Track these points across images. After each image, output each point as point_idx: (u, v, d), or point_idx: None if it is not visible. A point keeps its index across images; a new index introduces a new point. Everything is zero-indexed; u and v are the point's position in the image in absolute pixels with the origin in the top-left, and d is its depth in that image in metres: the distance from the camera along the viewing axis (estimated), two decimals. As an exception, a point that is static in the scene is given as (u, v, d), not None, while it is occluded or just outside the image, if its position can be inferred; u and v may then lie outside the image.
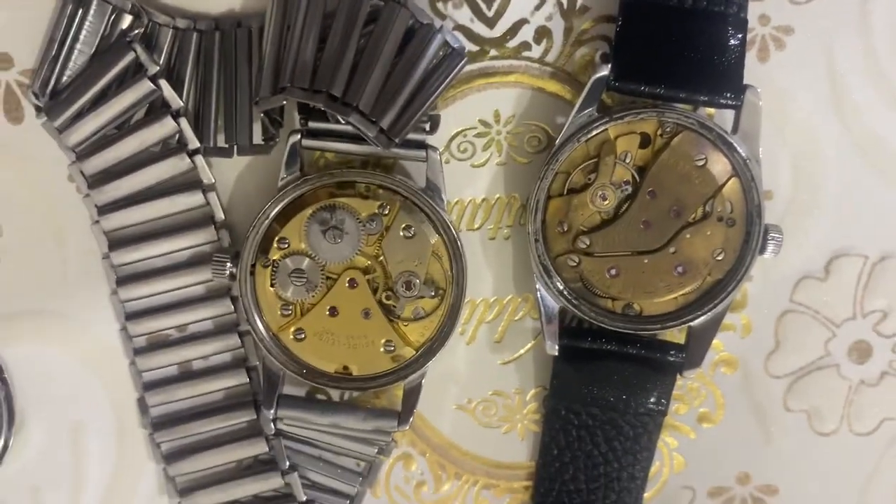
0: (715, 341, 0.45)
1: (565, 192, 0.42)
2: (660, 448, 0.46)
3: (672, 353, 0.43)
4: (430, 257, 0.43)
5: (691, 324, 0.43)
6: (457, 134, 0.45)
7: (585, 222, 0.42)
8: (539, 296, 0.43)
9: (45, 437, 0.47)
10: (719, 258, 0.42)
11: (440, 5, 0.43)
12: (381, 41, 0.40)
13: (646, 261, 0.42)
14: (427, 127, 0.42)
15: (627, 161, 0.42)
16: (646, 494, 0.47)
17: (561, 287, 0.43)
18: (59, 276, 0.45)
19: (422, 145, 0.42)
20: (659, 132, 0.42)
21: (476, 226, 0.46)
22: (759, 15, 0.43)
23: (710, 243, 0.42)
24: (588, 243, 0.42)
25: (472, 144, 0.45)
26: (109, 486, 0.47)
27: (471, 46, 0.43)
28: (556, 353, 0.44)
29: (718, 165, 0.41)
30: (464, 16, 0.43)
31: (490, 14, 0.43)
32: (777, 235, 0.42)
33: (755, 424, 0.47)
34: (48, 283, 0.45)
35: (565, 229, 0.42)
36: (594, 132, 0.41)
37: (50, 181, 0.45)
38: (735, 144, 0.41)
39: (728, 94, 0.40)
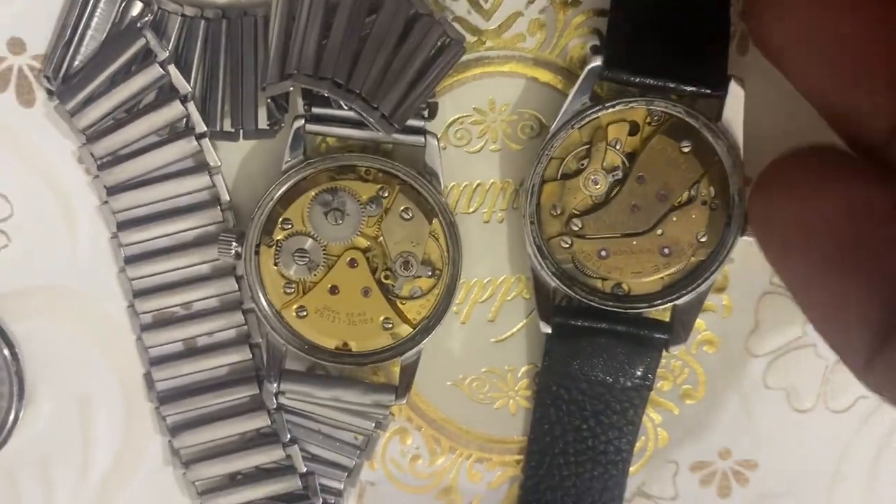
0: (697, 321, 0.47)
1: (559, 176, 0.44)
2: (645, 423, 0.49)
3: (658, 330, 0.45)
4: (428, 239, 0.45)
5: (677, 302, 0.45)
6: (454, 121, 0.46)
7: (578, 206, 0.44)
8: (533, 276, 0.45)
9: (54, 409, 0.48)
10: (703, 240, 0.44)
11: (439, -3, 0.45)
12: (383, 31, 0.42)
13: (634, 242, 0.44)
14: (426, 114, 0.44)
15: (618, 147, 0.44)
16: (631, 468, 0.49)
17: (553, 268, 0.44)
18: (69, 254, 0.47)
19: (420, 131, 0.44)
20: (648, 120, 0.44)
21: (471, 209, 0.47)
22: (740, 11, 0.45)
23: (695, 226, 0.44)
24: (580, 226, 0.44)
25: (468, 131, 0.47)
26: (117, 457, 0.49)
27: (468, 37, 0.45)
28: (550, 332, 0.45)
29: (703, 152, 0.43)
30: (461, 8, 0.45)
31: (486, 6, 0.45)
32: None
33: (736, 401, 0.49)
34: (58, 262, 0.47)
35: (558, 212, 0.44)
36: (586, 120, 0.43)
37: (60, 162, 0.46)
38: (719, 132, 0.43)
39: (714, 85, 0.42)
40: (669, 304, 0.45)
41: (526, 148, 0.47)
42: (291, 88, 0.43)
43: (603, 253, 0.44)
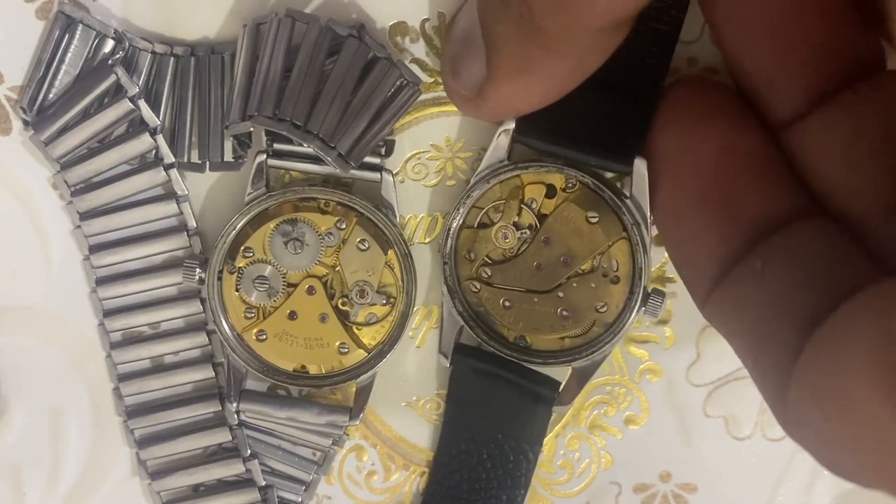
0: (641, 351, 0.50)
1: (476, 224, 0.46)
2: (589, 446, 0.51)
3: (546, 387, 0.47)
4: (383, 268, 0.47)
5: (572, 365, 0.46)
6: (411, 156, 0.48)
7: (491, 254, 0.46)
8: (441, 311, 0.47)
9: (26, 421, 0.50)
10: (602, 311, 0.45)
11: (398, 39, 0.47)
12: (342, 73, 0.44)
13: (535, 300, 0.46)
14: (382, 151, 0.46)
15: (533, 207, 0.45)
16: (577, 488, 0.51)
17: (461, 307, 0.46)
18: (44, 275, 0.49)
19: (376, 168, 0.46)
20: (563, 186, 0.45)
21: (427, 240, 0.50)
22: (686, 57, 0.47)
23: (595, 295, 0.45)
24: (489, 274, 0.46)
25: (425, 166, 0.49)
26: (86, 467, 0.51)
27: (425, 78, 0.47)
28: (448, 365, 0.48)
29: (609, 225, 0.44)
30: (419, 50, 0.47)
31: (443, 49, 0.47)
32: (658, 299, 0.45)
33: (677, 428, 0.51)
34: (33, 282, 0.49)
35: (472, 258, 0.46)
36: (505, 177, 0.45)
37: (36, 188, 0.48)
38: (624, 208, 0.44)
39: (617, 162, 0.43)
40: (563, 366, 0.46)
41: (480, 183, 0.49)
42: (252, 129, 0.45)
43: (506, 304, 0.46)
